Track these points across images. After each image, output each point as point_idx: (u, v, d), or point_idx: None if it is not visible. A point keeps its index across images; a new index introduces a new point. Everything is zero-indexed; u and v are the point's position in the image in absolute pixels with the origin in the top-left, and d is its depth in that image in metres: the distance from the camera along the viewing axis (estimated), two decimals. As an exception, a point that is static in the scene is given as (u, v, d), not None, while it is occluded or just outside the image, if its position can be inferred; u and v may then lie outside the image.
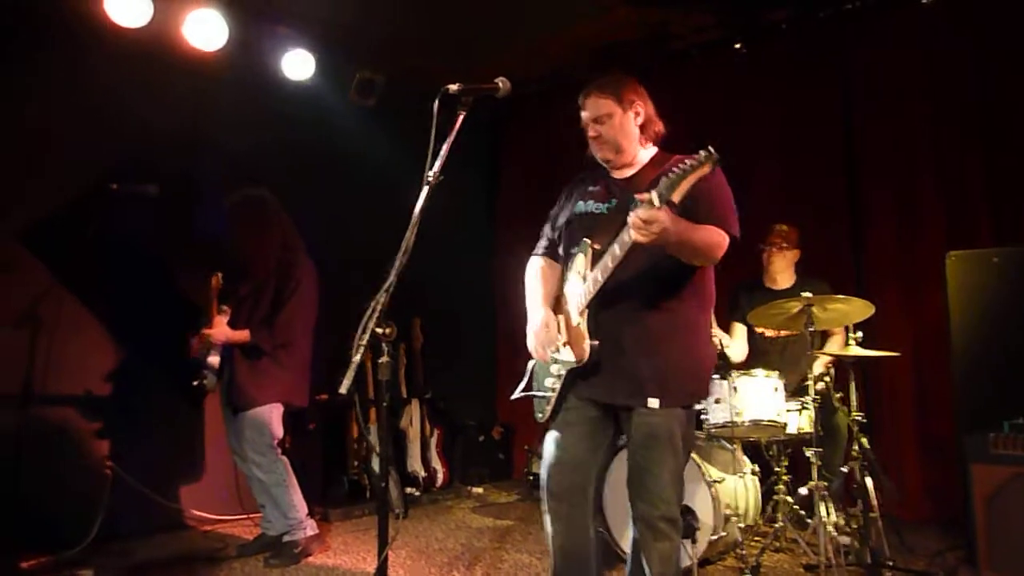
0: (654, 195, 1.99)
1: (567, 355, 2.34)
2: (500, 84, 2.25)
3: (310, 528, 3.88)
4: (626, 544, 3.35)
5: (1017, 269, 3.61)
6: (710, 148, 1.97)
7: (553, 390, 2.39)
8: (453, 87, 2.15)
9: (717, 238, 2.20)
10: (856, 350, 3.50)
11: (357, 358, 1.86)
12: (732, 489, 3.62)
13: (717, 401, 3.61)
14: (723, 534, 3.46)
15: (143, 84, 4.23)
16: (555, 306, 2.45)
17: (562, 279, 2.46)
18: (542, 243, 2.64)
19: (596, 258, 2.28)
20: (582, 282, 2.32)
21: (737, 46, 4.98)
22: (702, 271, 2.34)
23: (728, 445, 3.81)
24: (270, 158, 4.66)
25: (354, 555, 3.95)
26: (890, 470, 4.07)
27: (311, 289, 3.93)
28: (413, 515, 4.86)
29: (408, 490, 5.19)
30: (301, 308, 3.88)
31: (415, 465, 5.48)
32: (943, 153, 4.45)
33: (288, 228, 3.94)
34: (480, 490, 5.66)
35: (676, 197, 1.99)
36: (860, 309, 3.46)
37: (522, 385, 2.57)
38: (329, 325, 3.98)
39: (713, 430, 3.66)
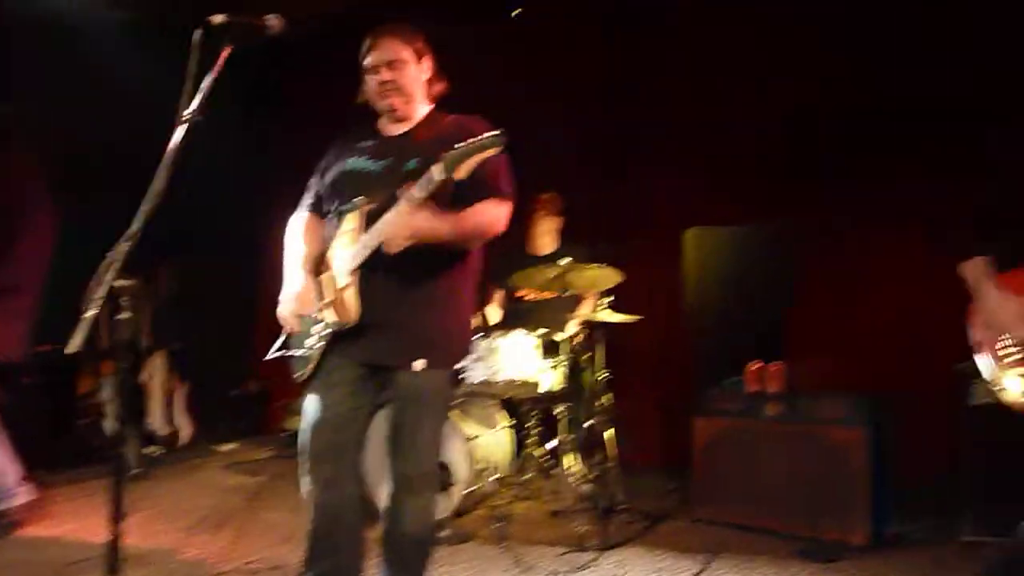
0: (440, 169, 1.98)
1: (334, 316, 2.26)
2: (273, 21, 2.09)
3: (24, 495, 3.44)
4: (382, 501, 3.39)
5: (742, 246, 4.12)
6: (498, 132, 1.98)
7: (316, 349, 2.32)
8: (218, 18, 1.95)
9: (494, 214, 2.23)
10: (605, 314, 3.79)
11: (90, 314, 1.64)
12: (487, 444, 3.78)
13: (478, 360, 3.72)
14: (477, 487, 3.62)
15: None
16: (320, 264, 2.35)
17: (328, 237, 2.37)
18: (308, 198, 2.51)
19: (371, 218, 2.21)
20: (353, 241, 2.24)
21: (512, 13, 5.06)
22: None
23: (486, 402, 3.96)
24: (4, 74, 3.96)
25: (83, 522, 3.59)
26: (625, 422, 4.48)
27: (47, 229, 3.44)
28: (154, 476, 4.51)
29: (148, 449, 4.81)
30: (33, 251, 3.39)
31: (156, 422, 5.08)
32: (692, 137, 4.90)
33: (29, 158, 3.40)
34: (231, 447, 5.39)
35: (460, 174, 1.99)
36: (610, 276, 3.76)
37: (278, 344, 2.45)
38: (65, 268, 3.50)
39: (473, 388, 3.78)
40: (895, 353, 4.36)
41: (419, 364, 2.23)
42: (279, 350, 2.44)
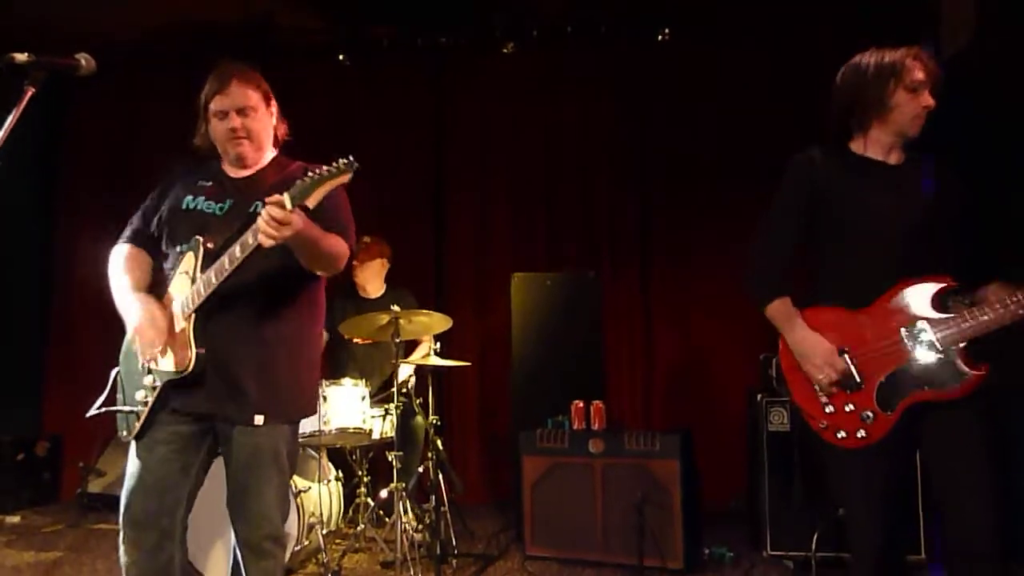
0: (287, 197, 1.90)
1: (166, 364, 2.12)
2: (83, 61, 1.94)
3: None
4: (204, 566, 3.17)
5: (565, 290, 4.34)
6: (350, 157, 1.93)
7: (145, 404, 2.15)
8: (21, 57, 1.79)
9: (342, 248, 2.17)
10: (435, 359, 3.82)
11: None
12: (317, 497, 3.65)
13: (306, 410, 3.60)
14: (306, 543, 3.48)
15: None
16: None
17: (164, 278, 2.22)
18: (127, 231, 2.34)
19: (209, 259, 2.10)
20: (190, 283, 2.12)
21: (341, 57, 5.06)
22: (315, 283, 2.29)
23: (314, 453, 3.83)
24: None
25: None
26: (456, 464, 4.52)
27: None
28: (-81, 560, 3.91)
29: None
30: None
31: (-76, 496, 4.43)
32: (515, 186, 5.13)
33: None
34: (17, 519, 4.80)
35: (311, 202, 1.92)
36: (440, 322, 3.80)
37: (102, 398, 2.25)
38: None
39: (301, 439, 3.64)
40: (698, 385, 4.81)
41: (259, 418, 2.12)
42: (104, 405, 2.23)
